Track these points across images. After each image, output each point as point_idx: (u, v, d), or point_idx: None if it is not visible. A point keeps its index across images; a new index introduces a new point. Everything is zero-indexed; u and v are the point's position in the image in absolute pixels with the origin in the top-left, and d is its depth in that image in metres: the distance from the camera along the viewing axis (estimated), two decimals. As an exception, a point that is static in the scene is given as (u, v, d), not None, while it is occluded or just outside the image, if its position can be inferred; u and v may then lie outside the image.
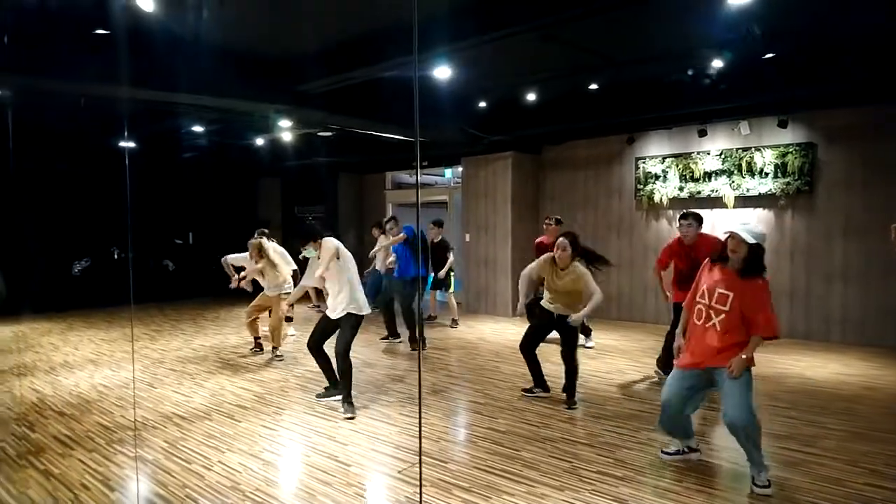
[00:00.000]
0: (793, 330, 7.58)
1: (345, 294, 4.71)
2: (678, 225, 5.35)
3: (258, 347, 6.96)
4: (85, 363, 6.53)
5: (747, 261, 3.27)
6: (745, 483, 3.38)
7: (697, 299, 3.47)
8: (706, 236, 5.23)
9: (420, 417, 4.57)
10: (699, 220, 5.23)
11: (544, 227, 6.94)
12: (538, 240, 6.77)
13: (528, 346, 5.10)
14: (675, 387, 3.52)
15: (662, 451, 3.81)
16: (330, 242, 4.72)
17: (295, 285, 6.55)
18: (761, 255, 3.28)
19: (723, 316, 3.32)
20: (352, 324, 4.73)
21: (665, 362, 5.55)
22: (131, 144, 8.95)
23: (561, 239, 4.88)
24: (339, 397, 4.80)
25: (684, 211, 5.45)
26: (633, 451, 3.92)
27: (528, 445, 4.02)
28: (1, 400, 5.21)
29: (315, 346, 4.97)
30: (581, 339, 7.38)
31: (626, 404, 4.93)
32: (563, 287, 4.86)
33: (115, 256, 11.19)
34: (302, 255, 5.13)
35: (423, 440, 4.13)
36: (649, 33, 5.76)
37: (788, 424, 4.42)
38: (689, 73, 6.30)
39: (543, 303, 5.02)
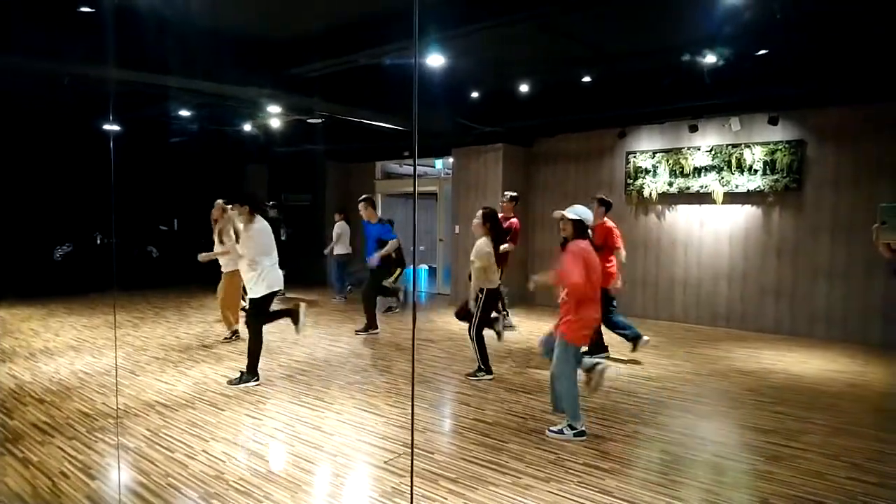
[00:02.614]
0: (778, 326, 7.65)
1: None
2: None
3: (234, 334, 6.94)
4: (66, 349, 6.42)
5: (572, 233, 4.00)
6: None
7: None
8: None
9: (413, 410, 4.54)
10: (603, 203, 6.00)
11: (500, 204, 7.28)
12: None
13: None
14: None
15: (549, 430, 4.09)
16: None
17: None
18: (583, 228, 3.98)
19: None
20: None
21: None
22: (116, 128, 8.78)
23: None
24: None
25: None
26: (619, 443, 3.93)
27: (515, 437, 4.01)
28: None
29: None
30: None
31: (612, 396, 4.94)
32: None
33: (98, 242, 11.00)
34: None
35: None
36: (643, 27, 5.73)
37: (774, 419, 4.45)
38: (682, 68, 6.29)
39: None
